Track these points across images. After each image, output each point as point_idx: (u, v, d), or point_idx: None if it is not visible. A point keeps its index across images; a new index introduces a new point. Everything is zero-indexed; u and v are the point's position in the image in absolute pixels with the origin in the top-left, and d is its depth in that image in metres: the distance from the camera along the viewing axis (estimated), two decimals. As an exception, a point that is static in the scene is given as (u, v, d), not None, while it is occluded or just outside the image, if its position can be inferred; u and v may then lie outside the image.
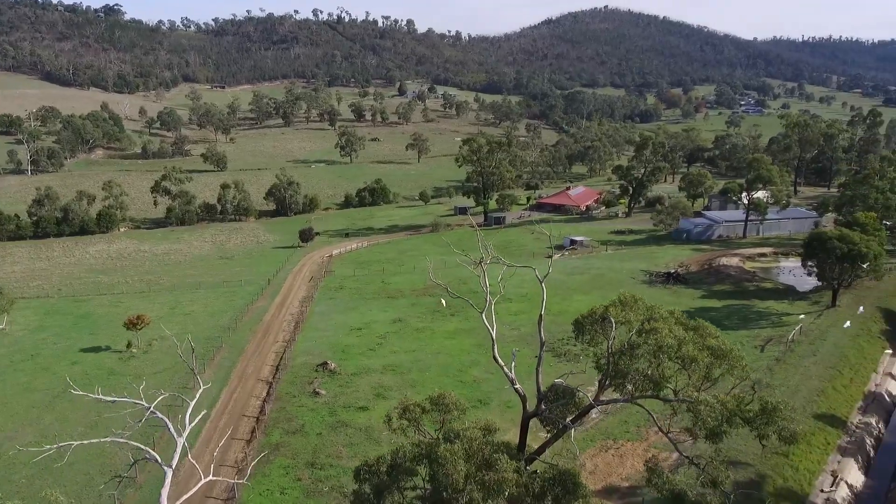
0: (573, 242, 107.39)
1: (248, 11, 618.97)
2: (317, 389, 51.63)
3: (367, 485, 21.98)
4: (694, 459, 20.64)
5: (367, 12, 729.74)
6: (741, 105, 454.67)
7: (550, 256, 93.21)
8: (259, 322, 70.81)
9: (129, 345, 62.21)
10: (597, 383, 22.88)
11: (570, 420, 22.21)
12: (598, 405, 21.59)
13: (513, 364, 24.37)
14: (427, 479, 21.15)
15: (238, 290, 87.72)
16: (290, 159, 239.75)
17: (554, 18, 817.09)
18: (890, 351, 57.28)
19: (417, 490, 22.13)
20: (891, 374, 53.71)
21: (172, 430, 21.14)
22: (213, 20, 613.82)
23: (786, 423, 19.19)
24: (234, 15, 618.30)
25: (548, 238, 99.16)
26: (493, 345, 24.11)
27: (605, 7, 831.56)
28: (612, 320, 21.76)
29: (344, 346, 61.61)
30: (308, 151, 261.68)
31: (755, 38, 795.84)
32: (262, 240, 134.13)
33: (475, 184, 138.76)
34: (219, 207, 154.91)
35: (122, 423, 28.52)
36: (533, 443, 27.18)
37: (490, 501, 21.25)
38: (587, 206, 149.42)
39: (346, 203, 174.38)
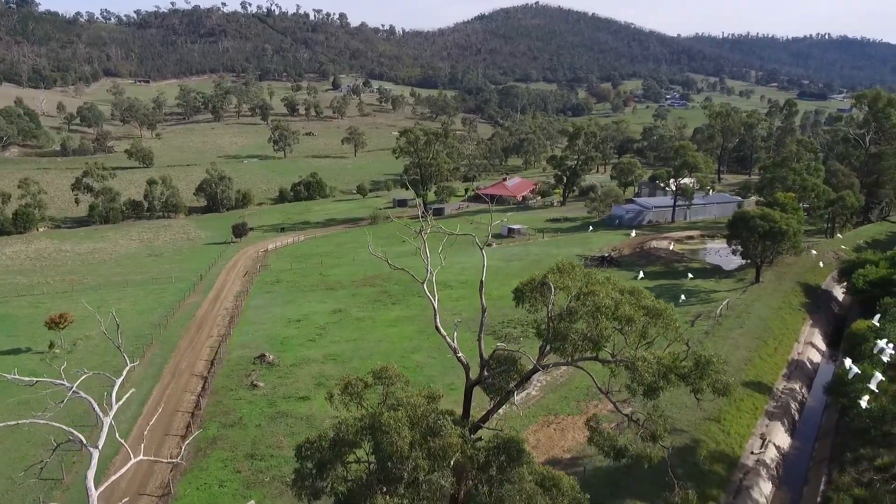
0: (511, 231, 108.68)
1: (172, 3, 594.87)
2: (255, 382, 50.23)
3: (308, 462, 21.43)
4: (633, 416, 21.08)
5: (298, 5, 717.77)
6: (667, 99, 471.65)
7: (490, 244, 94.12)
8: (192, 318, 68.35)
9: (51, 345, 58.83)
10: (538, 351, 23.00)
11: (514, 385, 22.27)
12: (541, 368, 21.70)
13: (455, 334, 24.26)
14: (371, 451, 20.81)
15: (168, 286, 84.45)
16: (221, 155, 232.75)
17: (487, 14, 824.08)
18: (810, 322, 60.54)
19: (362, 463, 21.75)
20: (811, 343, 56.77)
21: (97, 409, 19.99)
22: (135, 12, 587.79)
23: (718, 375, 19.85)
24: (157, 7, 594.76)
25: (488, 227, 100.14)
26: (435, 315, 23.96)
27: (536, 3, 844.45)
28: (552, 285, 21.93)
29: (282, 339, 60.26)
30: (240, 146, 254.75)
31: (679, 35, 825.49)
32: (192, 236, 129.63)
33: (413, 175, 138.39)
34: (146, 204, 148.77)
35: (43, 406, 27.02)
36: (476, 414, 27.24)
37: (436, 472, 21.13)
38: (523, 196, 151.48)
39: (281, 198, 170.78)
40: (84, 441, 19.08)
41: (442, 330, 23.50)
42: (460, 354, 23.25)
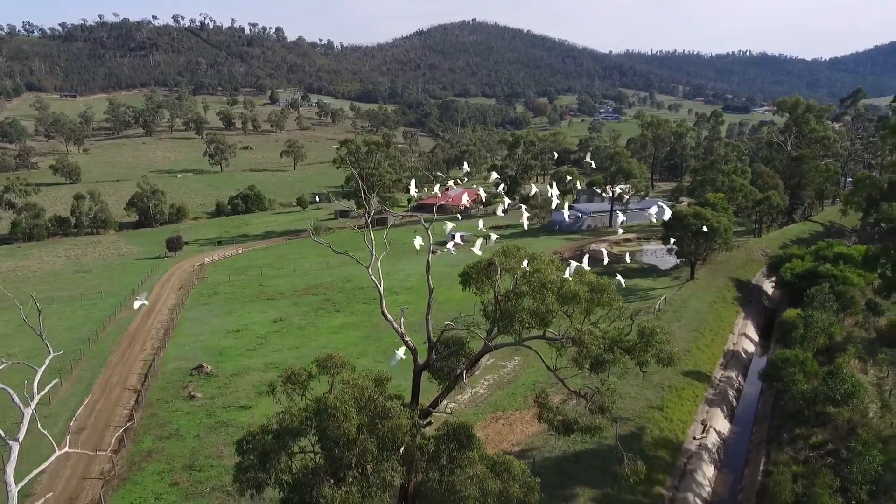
0: (454, 236, 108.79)
1: (100, 16, 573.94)
2: (192, 393, 48.19)
3: (250, 455, 20.49)
4: (580, 392, 21.11)
5: (233, 19, 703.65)
6: (601, 113, 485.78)
7: (434, 251, 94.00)
8: (123, 332, 65.22)
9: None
10: (486, 333, 22.81)
11: (463, 368, 21.97)
12: (491, 348, 21.50)
13: (402, 319, 23.81)
14: (317, 440, 20.06)
15: (98, 301, 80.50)
16: (154, 169, 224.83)
17: (425, 30, 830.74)
18: (743, 314, 62.85)
19: (307, 454, 20.96)
20: (745, 335, 58.88)
21: (17, 400, 18.57)
22: (59, 25, 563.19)
23: (662, 345, 20.12)
24: (84, 20, 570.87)
25: (429, 235, 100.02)
26: (382, 300, 23.46)
27: (473, 20, 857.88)
28: (498, 265, 21.84)
29: (221, 349, 58.14)
30: (173, 161, 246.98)
31: (610, 52, 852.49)
32: (123, 252, 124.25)
33: (354, 186, 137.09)
34: (73, 220, 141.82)
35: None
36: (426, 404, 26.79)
37: (386, 460, 20.56)
38: (466, 205, 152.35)
39: (218, 212, 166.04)
40: (2, 434, 17.64)
41: (388, 315, 23.03)
42: (407, 339, 22.83)
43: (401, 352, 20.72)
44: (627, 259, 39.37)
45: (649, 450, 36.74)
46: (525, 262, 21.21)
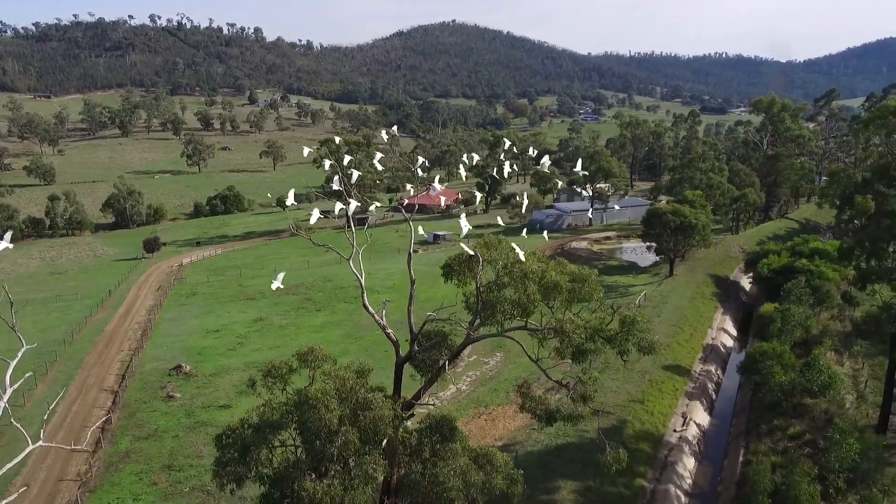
0: (437, 237, 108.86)
1: (75, 16, 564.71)
2: (171, 393, 47.57)
3: (230, 449, 20.21)
4: (562, 381, 21.15)
5: (211, 19, 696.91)
6: (580, 114, 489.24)
7: (416, 251, 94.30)
8: (100, 333, 64.18)
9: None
10: (468, 325, 22.77)
11: (445, 360, 21.90)
12: (473, 339, 21.47)
13: (383, 312, 23.67)
14: (298, 432, 19.86)
15: (74, 304, 79.13)
16: (131, 170, 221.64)
17: (405, 31, 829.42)
18: (721, 310, 63.56)
19: (288, 447, 20.74)
20: (723, 329, 59.56)
21: (-12, 394, 18.05)
22: (33, 25, 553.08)
23: (643, 334, 20.22)
24: (58, 20, 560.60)
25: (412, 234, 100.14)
26: (363, 293, 23.29)
27: (454, 21, 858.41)
28: (479, 256, 21.82)
29: (200, 349, 57.50)
30: (150, 162, 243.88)
31: (589, 53, 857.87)
32: (99, 253, 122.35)
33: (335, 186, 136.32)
34: (48, 222, 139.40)
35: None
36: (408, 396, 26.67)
37: (368, 453, 20.41)
38: (447, 204, 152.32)
39: (197, 212, 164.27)
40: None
41: (370, 307, 22.88)
42: (389, 331, 22.70)
43: (281, 276, 21.87)
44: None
45: (631, 442, 36.93)
46: (516, 248, 21.15)
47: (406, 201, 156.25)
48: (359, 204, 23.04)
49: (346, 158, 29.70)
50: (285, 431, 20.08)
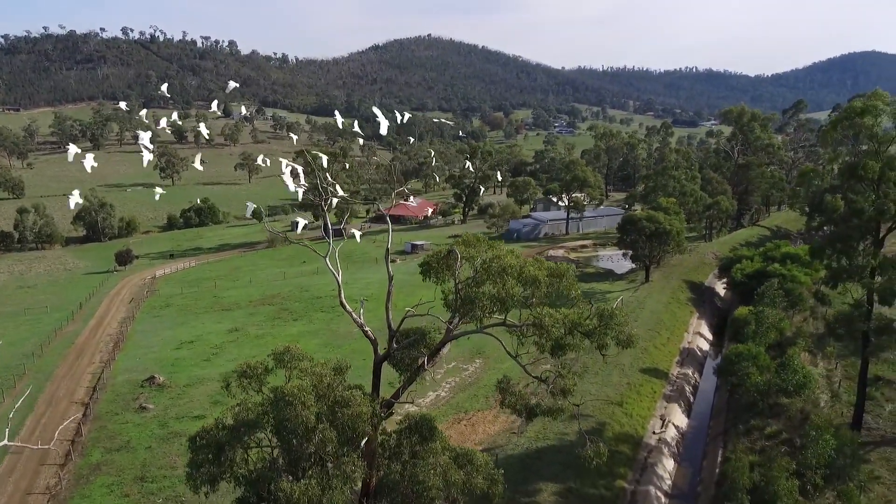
0: (414, 247, 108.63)
1: (45, 28, 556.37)
2: (143, 405, 46.51)
3: (204, 451, 19.72)
4: (542, 376, 21.07)
5: (185, 32, 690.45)
6: (555, 127, 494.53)
7: (394, 260, 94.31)
8: (70, 346, 62.65)
9: None
10: (446, 324, 22.61)
11: (424, 359, 21.68)
12: (452, 337, 21.30)
13: (361, 311, 23.40)
14: (274, 432, 19.45)
15: (43, 317, 77.27)
16: (103, 184, 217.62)
17: (381, 45, 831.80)
18: (697, 314, 64.22)
19: (264, 448, 20.31)
20: (699, 333, 60.14)
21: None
22: (1, 37, 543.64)
23: (621, 328, 20.25)
24: (28, 32, 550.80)
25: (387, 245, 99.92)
26: (340, 290, 23.00)
27: (429, 35, 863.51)
28: (458, 252, 21.72)
29: (173, 360, 56.37)
30: (122, 175, 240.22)
31: (563, 68, 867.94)
32: (70, 267, 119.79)
33: (311, 197, 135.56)
34: (16, 235, 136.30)
35: None
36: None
37: (346, 452, 20.07)
38: (425, 215, 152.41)
39: (170, 225, 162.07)
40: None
41: (347, 305, 22.61)
42: (367, 328, 22.43)
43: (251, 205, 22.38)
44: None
45: (610, 444, 36.83)
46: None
47: (385, 211, 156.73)
48: (336, 196, 22.77)
49: (324, 159, 29.38)
50: (261, 432, 19.66)
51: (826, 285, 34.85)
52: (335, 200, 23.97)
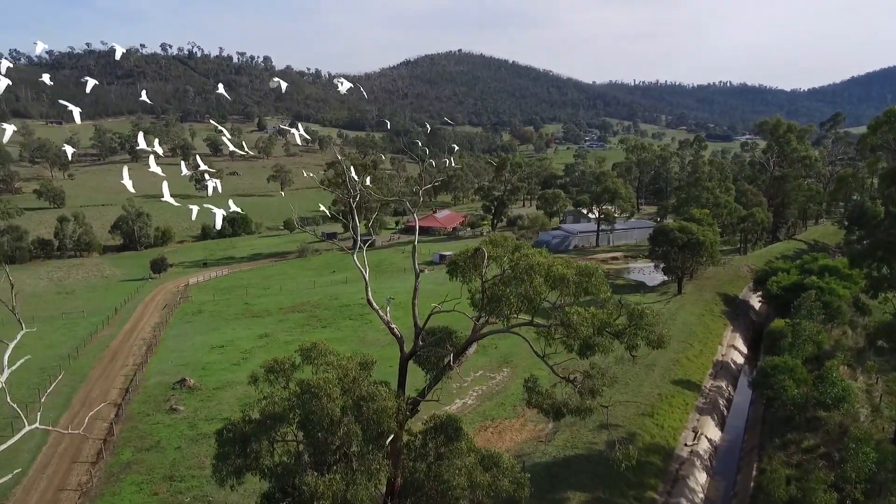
0: (442, 258, 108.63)
1: (87, 45, 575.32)
2: (174, 406, 47.14)
3: (230, 444, 19.83)
4: (570, 376, 20.72)
5: (221, 48, 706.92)
6: (586, 141, 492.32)
7: (422, 270, 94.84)
8: (105, 348, 64.00)
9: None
10: (474, 322, 22.46)
11: (452, 357, 21.52)
12: (478, 336, 21.13)
13: (388, 309, 23.40)
14: (300, 426, 19.47)
15: (80, 321, 79.05)
16: (140, 194, 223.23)
17: (412, 60, 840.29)
18: (731, 327, 62.79)
19: (290, 443, 20.34)
20: (734, 346, 58.75)
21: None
22: (47, 53, 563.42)
23: (651, 327, 19.83)
24: (71, 48, 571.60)
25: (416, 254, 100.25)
26: (367, 287, 23.05)
27: (460, 50, 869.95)
28: (484, 251, 21.61)
29: (204, 364, 57.11)
30: (159, 187, 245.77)
31: (594, 82, 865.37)
32: (107, 274, 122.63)
33: (342, 207, 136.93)
34: (56, 243, 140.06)
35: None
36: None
37: (370, 455, 19.98)
38: (454, 227, 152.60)
39: (204, 235, 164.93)
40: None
41: (374, 303, 22.62)
42: (393, 326, 22.40)
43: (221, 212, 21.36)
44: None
45: (641, 455, 35.97)
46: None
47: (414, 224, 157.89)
48: (364, 188, 22.85)
49: (351, 169, 29.61)
50: (287, 427, 19.69)
51: (866, 294, 33.72)
52: (362, 205, 23.97)
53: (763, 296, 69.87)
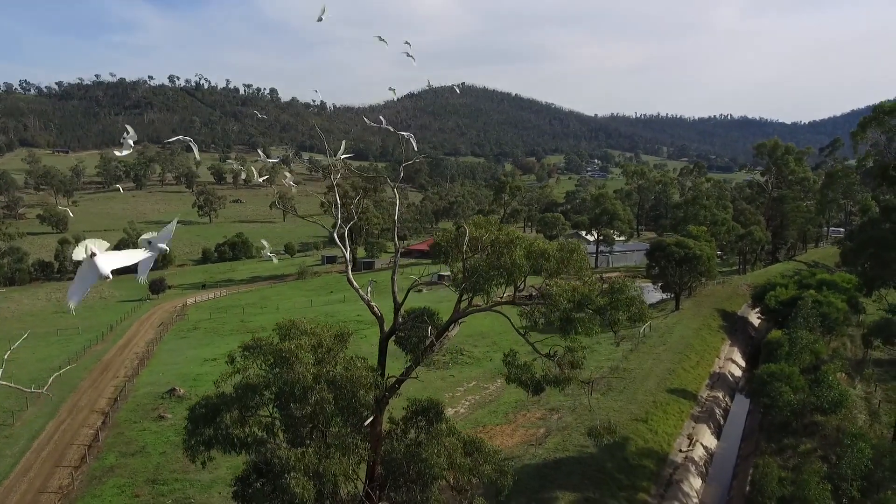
0: (441, 277, 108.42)
1: (96, 76, 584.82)
2: (162, 414, 46.57)
3: (202, 419, 19.42)
4: (550, 353, 20.30)
5: (228, 80, 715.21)
6: (588, 171, 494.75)
7: (420, 290, 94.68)
8: (97, 362, 63.52)
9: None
10: (455, 302, 22.19)
11: (433, 337, 21.18)
12: (460, 315, 20.83)
13: (369, 290, 23.14)
14: (274, 398, 19.08)
15: (74, 337, 78.73)
16: (143, 220, 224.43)
17: (416, 92, 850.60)
18: (729, 342, 62.08)
19: (263, 417, 19.91)
20: (731, 360, 58.00)
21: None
22: (56, 84, 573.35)
23: (633, 300, 19.51)
24: (80, 79, 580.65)
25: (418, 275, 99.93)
26: (347, 267, 22.85)
27: (463, 83, 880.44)
28: (466, 229, 21.45)
29: (195, 375, 56.54)
30: (163, 213, 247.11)
31: (596, 115, 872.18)
32: (106, 295, 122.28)
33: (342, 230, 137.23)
34: (56, 265, 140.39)
35: None
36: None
37: (348, 431, 19.56)
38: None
39: (205, 258, 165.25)
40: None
41: (354, 282, 22.38)
42: (372, 304, 22.12)
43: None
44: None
45: (633, 459, 35.42)
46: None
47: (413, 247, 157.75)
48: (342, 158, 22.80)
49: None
50: (261, 399, 19.28)
51: (860, 293, 33.30)
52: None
53: (762, 311, 69.14)
